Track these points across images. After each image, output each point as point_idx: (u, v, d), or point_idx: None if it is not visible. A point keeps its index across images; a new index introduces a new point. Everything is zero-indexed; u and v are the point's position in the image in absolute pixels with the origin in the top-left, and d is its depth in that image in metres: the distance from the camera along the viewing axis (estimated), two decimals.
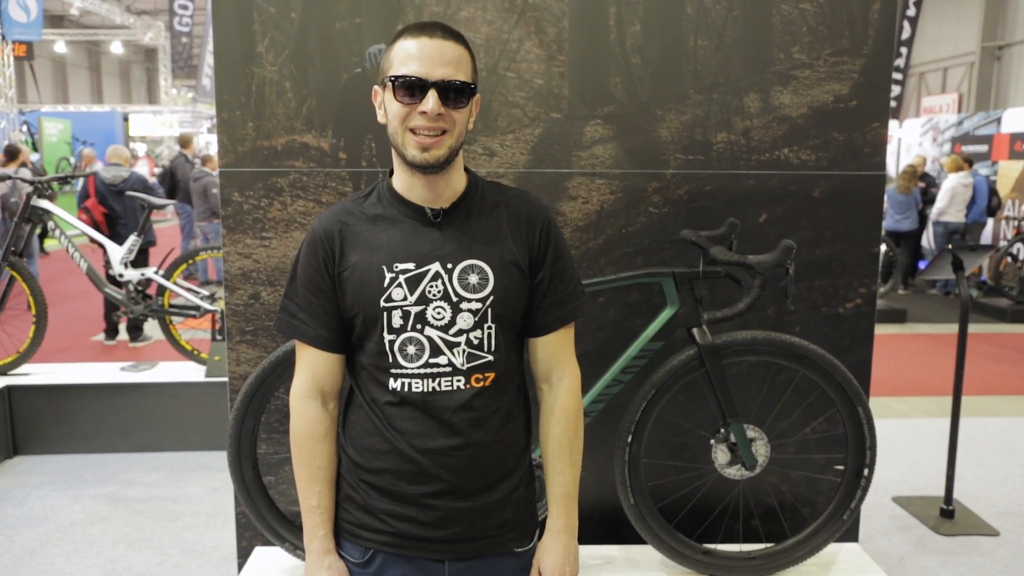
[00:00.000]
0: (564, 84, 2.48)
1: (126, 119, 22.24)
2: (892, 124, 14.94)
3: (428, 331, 1.37)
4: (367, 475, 1.41)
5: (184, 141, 10.41)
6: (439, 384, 1.37)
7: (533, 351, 1.49)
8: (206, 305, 4.74)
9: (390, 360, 1.38)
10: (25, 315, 4.56)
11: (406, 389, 1.38)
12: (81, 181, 6.64)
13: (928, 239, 10.05)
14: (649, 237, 2.53)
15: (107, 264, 4.84)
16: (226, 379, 2.60)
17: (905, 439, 4.72)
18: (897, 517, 3.70)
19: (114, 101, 33.21)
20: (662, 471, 2.61)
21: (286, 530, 2.43)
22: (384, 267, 1.37)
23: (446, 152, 1.35)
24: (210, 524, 3.57)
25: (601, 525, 2.66)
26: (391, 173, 1.45)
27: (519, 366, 1.50)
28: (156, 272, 4.78)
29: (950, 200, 9.27)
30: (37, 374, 4.55)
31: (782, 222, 2.55)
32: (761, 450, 2.40)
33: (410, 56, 1.32)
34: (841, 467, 2.48)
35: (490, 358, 1.39)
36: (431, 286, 1.36)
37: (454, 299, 1.37)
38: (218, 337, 4.45)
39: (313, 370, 1.43)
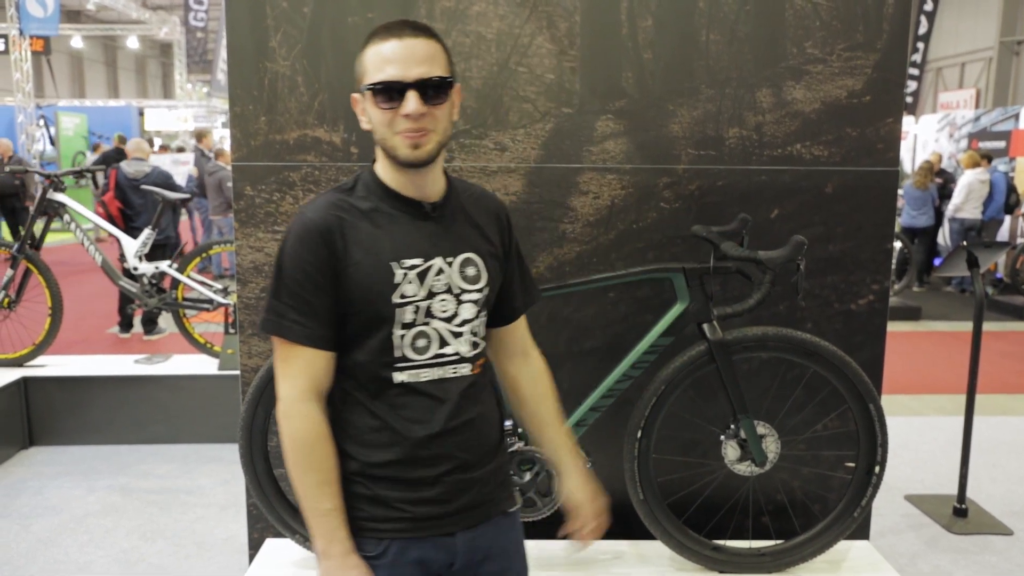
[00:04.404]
0: (575, 79, 2.47)
1: (141, 113, 22.35)
2: (908, 120, 14.81)
3: (434, 323, 1.40)
4: (376, 469, 1.41)
5: (200, 135, 10.46)
6: (446, 372, 1.42)
7: (509, 332, 1.59)
8: (219, 299, 4.77)
9: (397, 355, 1.39)
10: (41, 307, 4.60)
11: (414, 380, 1.40)
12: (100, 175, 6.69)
13: (944, 236, 9.96)
14: (660, 232, 2.52)
15: (122, 257, 4.88)
16: (238, 372, 2.62)
17: (919, 437, 4.69)
18: (909, 515, 3.68)
19: (130, 96, 33.41)
20: (672, 467, 2.61)
21: (297, 522, 2.45)
22: (392, 263, 1.37)
23: (435, 147, 1.37)
24: (222, 516, 3.60)
25: (611, 520, 2.66)
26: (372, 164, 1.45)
27: None
28: (170, 266, 4.81)
29: (966, 196, 9.16)
30: (53, 366, 4.59)
31: (794, 218, 2.54)
32: (771, 446, 2.39)
33: (383, 60, 1.33)
34: (852, 464, 2.47)
35: (484, 344, 1.50)
36: (436, 280, 1.39)
37: (455, 291, 1.41)
38: (231, 331, 4.48)
39: (311, 371, 1.39)
